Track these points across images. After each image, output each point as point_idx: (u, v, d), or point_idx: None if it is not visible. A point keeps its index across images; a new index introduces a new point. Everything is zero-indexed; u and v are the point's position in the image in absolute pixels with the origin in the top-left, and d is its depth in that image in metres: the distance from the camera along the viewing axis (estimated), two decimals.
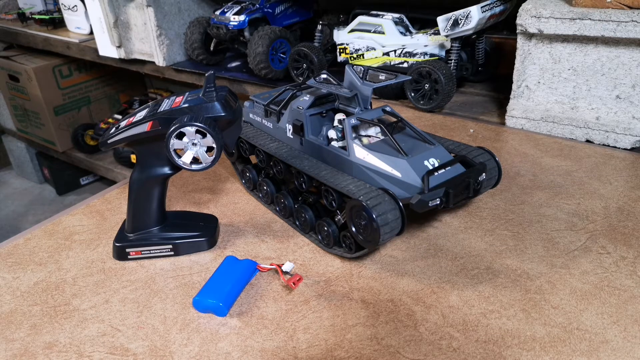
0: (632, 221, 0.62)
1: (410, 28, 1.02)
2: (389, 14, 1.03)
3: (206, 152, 0.54)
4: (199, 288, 0.54)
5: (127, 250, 0.60)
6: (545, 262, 0.56)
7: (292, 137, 0.65)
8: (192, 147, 0.53)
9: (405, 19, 1.02)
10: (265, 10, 1.23)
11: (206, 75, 0.53)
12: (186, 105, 0.53)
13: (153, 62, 1.38)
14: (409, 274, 0.55)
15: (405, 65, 1.02)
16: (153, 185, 0.58)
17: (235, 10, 1.21)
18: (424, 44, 0.99)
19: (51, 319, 0.52)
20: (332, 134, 0.61)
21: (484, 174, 0.57)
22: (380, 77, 0.61)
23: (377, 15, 1.04)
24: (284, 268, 0.55)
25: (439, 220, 0.64)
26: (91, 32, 1.49)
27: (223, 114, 0.53)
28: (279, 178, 0.67)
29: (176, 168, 0.57)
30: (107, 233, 0.66)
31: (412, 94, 0.98)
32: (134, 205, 0.59)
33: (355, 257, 0.57)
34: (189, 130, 0.52)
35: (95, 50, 1.49)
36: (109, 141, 0.58)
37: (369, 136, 0.60)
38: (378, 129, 0.60)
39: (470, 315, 0.49)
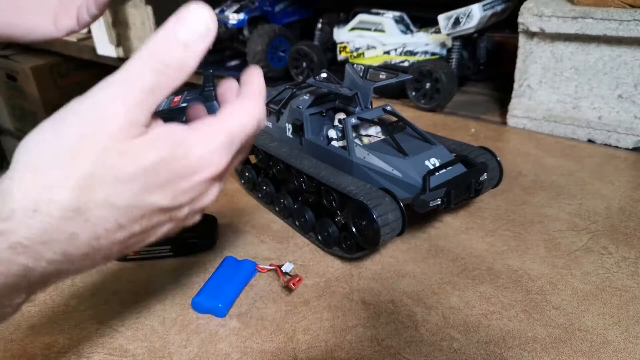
0: (634, 221, 0.62)
1: (411, 26, 1.02)
2: (390, 12, 1.03)
3: None
4: (198, 289, 0.53)
5: None
6: (546, 263, 0.55)
7: (291, 136, 0.65)
8: None
9: (406, 18, 1.02)
10: (265, 8, 1.23)
11: (205, 74, 0.53)
12: (185, 104, 0.53)
13: None
14: (409, 275, 0.55)
15: (406, 64, 1.01)
16: None
17: (235, 8, 1.21)
18: (425, 43, 0.98)
19: (50, 320, 0.51)
20: (332, 133, 0.60)
21: (485, 174, 0.56)
22: (380, 76, 0.60)
23: (377, 14, 1.04)
24: (284, 269, 0.55)
25: (440, 220, 0.64)
26: (89, 31, 1.48)
27: None
28: (278, 178, 0.66)
29: None
30: None
31: (413, 93, 0.97)
32: None
33: (356, 257, 0.56)
34: None
35: (94, 49, 1.49)
36: None
37: (370, 136, 0.60)
38: (378, 129, 0.60)
39: (471, 316, 0.49)
